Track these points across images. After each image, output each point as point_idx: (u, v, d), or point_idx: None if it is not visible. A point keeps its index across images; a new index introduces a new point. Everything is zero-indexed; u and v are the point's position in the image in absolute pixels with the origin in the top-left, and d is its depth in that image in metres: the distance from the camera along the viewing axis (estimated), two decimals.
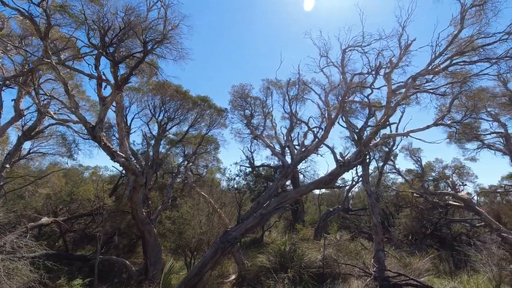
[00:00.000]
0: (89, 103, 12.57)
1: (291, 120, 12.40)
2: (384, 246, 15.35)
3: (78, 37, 7.38)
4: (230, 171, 12.17)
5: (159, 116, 13.33)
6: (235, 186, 11.11)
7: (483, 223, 14.83)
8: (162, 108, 13.07)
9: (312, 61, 11.02)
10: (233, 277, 12.49)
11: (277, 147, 16.44)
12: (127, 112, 12.85)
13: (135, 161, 12.28)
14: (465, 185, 17.60)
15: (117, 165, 8.83)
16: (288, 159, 12.69)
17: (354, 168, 16.83)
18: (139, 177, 9.09)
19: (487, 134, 14.96)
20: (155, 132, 13.73)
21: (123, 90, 8.14)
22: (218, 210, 13.06)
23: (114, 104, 9.25)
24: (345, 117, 11.84)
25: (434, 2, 8.13)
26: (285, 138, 12.61)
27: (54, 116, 8.76)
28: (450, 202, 16.10)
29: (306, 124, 11.79)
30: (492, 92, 12.68)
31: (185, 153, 16.40)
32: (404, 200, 18.68)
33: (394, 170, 18.12)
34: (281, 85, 13.29)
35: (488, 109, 13.98)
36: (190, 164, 15.15)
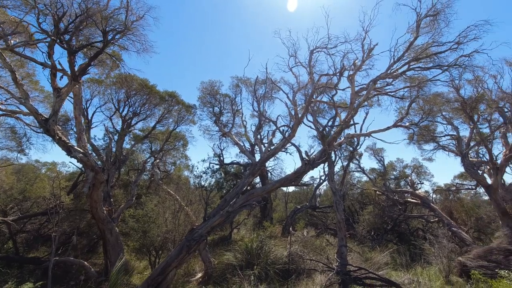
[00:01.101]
0: (44, 94, 11.63)
1: (259, 118, 12.47)
2: (348, 241, 16.02)
3: (30, 22, 6.82)
4: (197, 168, 12.00)
5: (123, 110, 12.75)
6: (202, 183, 10.99)
7: (436, 219, 15.96)
8: (127, 102, 12.53)
9: (282, 61, 11.17)
10: (199, 275, 12.34)
11: (247, 145, 16.49)
12: (88, 105, 12.13)
13: (96, 157, 11.67)
14: (422, 183, 18.85)
15: (75, 161, 8.32)
16: (258, 157, 12.78)
17: (322, 167, 17.41)
18: (99, 173, 8.65)
19: (442, 136, 16.07)
20: (119, 127, 13.13)
21: (81, 82, 7.66)
22: (185, 207, 12.84)
23: (72, 96, 8.71)
24: (313, 116, 12.14)
25: (393, 10, 8.59)
26: (254, 136, 12.70)
27: (1, 107, 8.04)
28: (408, 199, 17.16)
29: (274, 123, 11.93)
30: (446, 98, 13.64)
31: (152, 149, 15.88)
32: (368, 197, 19.60)
33: (359, 169, 18.97)
34: (251, 83, 13.32)
35: (443, 113, 15.03)
36: (157, 160, 14.70)
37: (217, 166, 13.84)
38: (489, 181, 13.94)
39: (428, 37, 8.44)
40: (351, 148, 16.62)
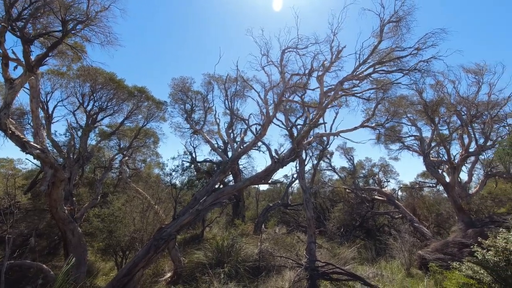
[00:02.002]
0: None
1: (231, 116, 12.42)
2: (319, 238, 16.47)
3: None
4: (167, 166, 11.64)
5: (88, 105, 12.11)
6: (172, 181, 10.77)
7: (400, 215, 16.82)
8: (92, 97, 11.90)
9: (254, 59, 11.20)
10: (169, 275, 12.12)
11: (220, 143, 16.38)
12: (48, 98, 11.38)
13: (57, 154, 11.02)
14: (389, 181, 19.79)
15: (31, 157, 7.80)
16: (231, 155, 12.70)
17: (294, 165, 17.69)
18: (59, 171, 8.18)
19: (407, 137, 16.96)
20: (83, 123, 12.46)
21: (38, 73, 7.18)
22: (155, 206, 12.54)
23: (28, 88, 8.15)
24: (285, 115, 12.30)
25: (359, 14, 8.92)
26: (226, 134, 12.61)
27: None
28: (376, 196, 17.95)
29: (244, 121, 11.93)
30: (410, 100, 14.40)
31: (121, 146, 15.26)
32: (338, 195, 20.23)
33: (330, 168, 19.53)
34: (223, 81, 13.20)
35: (408, 115, 15.85)
36: (126, 158, 14.17)
37: (188, 164, 13.61)
38: (447, 179, 14.90)
39: (391, 42, 8.90)
40: (321, 147, 17.09)
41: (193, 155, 16.47)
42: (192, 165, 14.11)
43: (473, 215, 14.34)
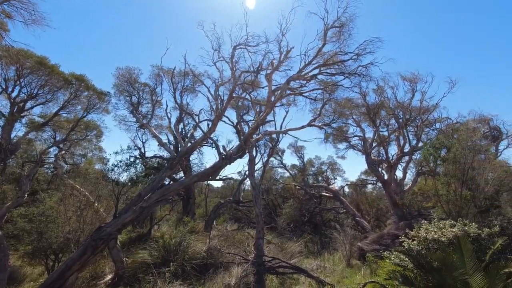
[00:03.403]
0: None
1: (180, 111, 12.00)
2: (269, 234, 16.85)
3: None
4: (108, 161, 10.77)
5: (13, 91, 10.69)
6: (114, 177, 10.05)
7: (344, 210, 17.97)
8: (19, 82, 10.54)
9: (206, 54, 10.93)
10: (109, 277, 11.41)
11: (172, 138, 15.78)
12: None
13: None
14: (336, 179, 21.03)
15: None
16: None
17: (247, 163, 17.83)
18: None
19: (352, 137, 18.15)
20: (6, 111, 10.95)
21: None
22: (95, 204, 11.67)
23: None
24: (237, 112, 12.29)
25: (306, 17, 9.29)
26: (174, 128, 12.14)
27: None
28: (323, 193, 18.92)
29: (192, 117, 11.61)
30: (356, 103, 15.44)
31: (56, 139, 13.78)
32: (289, 192, 20.92)
33: (281, 165, 20.11)
34: (173, 74, 12.60)
35: (354, 116, 16.95)
36: (63, 152, 12.88)
37: (133, 159, 12.72)
38: (386, 177, 16.26)
39: (335, 46, 9.40)
40: (271, 145, 17.50)
41: (142, 150, 15.64)
42: (138, 161, 13.31)
43: (406, 210, 15.82)
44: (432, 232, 6.76)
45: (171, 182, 13.19)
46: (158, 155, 15.37)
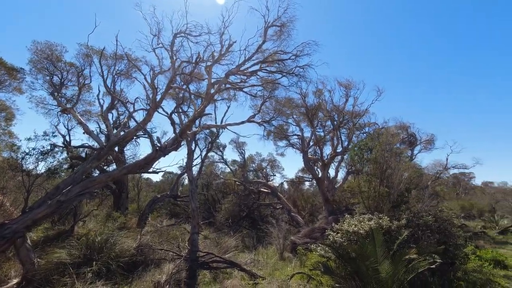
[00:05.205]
0: None
1: (112, 97, 10.97)
2: (207, 229, 16.66)
3: None
4: (18, 148, 9.12)
5: None
6: (25, 167, 8.74)
7: (281, 206, 18.74)
8: None
9: (145, 38, 10.22)
10: (15, 281, 9.96)
11: (104, 127, 14.40)
12: None
13: None
14: (275, 175, 21.82)
15: None
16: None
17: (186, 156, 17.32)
18: None
19: (292, 136, 19.00)
20: None
21: None
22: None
23: None
24: (177, 103, 11.80)
25: (248, 12, 9.36)
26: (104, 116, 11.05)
27: None
28: (261, 189, 19.44)
29: (125, 105, 10.70)
30: (296, 103, 16.19)
31: None
32: (229, 187, 20.98)
33: (222, 160, 20.06)
34: (105, 56, 11.38)
35: (294, 116, 17.74)
36: None
37: (51, 147, 11.03)
38: (320, 174, 17.40)
39: (275, 45, 9.69)
40: (210, 139, 17.34)
41: (67, 138, 13.89)
42: (59, 150, 11.73)
43: (336, 205, 17.15)
44: (353, 225, 7.47)
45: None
46: (86, 144, 13.87)
